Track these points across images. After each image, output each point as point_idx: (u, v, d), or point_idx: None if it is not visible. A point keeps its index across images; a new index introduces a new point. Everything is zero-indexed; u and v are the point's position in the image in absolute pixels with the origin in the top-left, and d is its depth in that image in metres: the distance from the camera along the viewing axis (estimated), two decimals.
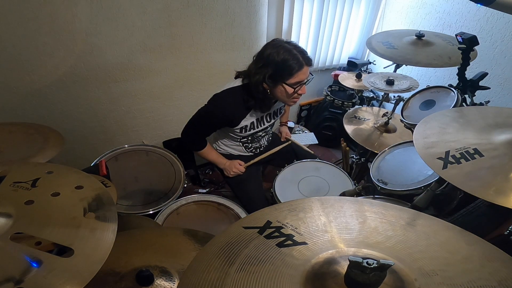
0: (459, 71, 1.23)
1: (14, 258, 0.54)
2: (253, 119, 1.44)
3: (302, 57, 1.23)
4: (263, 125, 1.51)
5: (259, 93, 1.30)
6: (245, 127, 1.44)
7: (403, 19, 2.24)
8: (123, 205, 1.38)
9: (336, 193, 1.38)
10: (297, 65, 1.22)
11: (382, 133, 1.69)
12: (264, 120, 1.50)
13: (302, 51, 1.25)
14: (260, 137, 1.59)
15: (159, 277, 0.79)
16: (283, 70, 1.23)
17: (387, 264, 0.44)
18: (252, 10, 1.87)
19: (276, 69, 1.24)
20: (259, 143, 1.63)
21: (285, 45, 1.24)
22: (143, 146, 1.64)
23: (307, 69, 1.27)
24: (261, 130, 1.53)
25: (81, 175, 0.77)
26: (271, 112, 1.51)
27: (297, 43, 1.28)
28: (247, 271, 0.51)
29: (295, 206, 0.67)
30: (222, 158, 1.57)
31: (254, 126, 1.47)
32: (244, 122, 1.42)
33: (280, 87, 1.27)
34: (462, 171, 0.69)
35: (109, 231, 0.62)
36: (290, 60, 1.22)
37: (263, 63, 1.25)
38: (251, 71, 1.29)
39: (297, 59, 1.22)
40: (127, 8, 1.52)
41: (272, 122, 1.56)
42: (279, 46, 1.23)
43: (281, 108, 1.57)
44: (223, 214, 1.38)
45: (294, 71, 1.23)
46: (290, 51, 1.22)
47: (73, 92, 1.63)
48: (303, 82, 1.29)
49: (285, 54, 1.22)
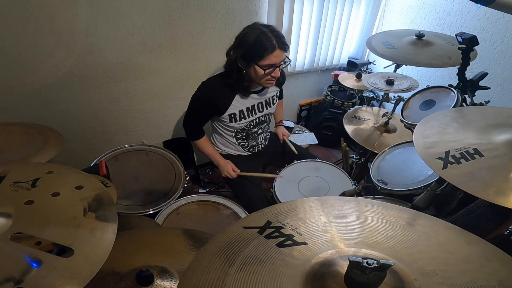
0: (459, 71, 1.23)
1: (14, 258, 0.54)
2: (242, 107, 1.44)
3: (276, 41, 1.24)
4: (255, 114, 1.50)
5: (234, 72, 1.32)
6: (233, 116, 1.44)
7: (403, 19, 2.24)
8: (123, 205, 1.38)
9: (336, 193, 1.38)
10: (270, 47, 1.23)
11: (382, 133, 1.69)
12: (256, 110, 1.49)
13: (278, 35, 1.25)
14: (255, 134, 1.59)
15: (159, 277, 0.79)
16: (255, 51, 1.24)
17: (387, 264, 0.44)
18: (252, 10, 1.87)
19: (248, 49, 1.25)
20: (255, 141, 1.62)
21: (261, 28, 1.25)
22: (143, 146, 1.64)
23: (280, 53, 1.26)
24: (254, 123, 1.52)
25: (81, 175, 0.77)
26: (263, 101, 1.51)
27: (275, 28, 1.28)
28: (247, 271, 0.51)
29: (295, 206, 0.67)
30: (218, 155, 1.57)
31: (244, 115, 1.46)
32: (232, 109, 1.42)
33: (252, 67, 1.29)
34: (462, 171, 0.69)
35: (109, 231, 0.62)
36: (262, 42, 1.22)
37: (237, 43, 1.29)
38: (228, 51, 1.33)
39: (270, 41, 1.23)
40: (127, 8, 1.52)
41: (264, 114, 1.54)
42: (255, 28, 1.25)
43: (273, 97, 1.55)
44: (223, 214, 1.38)
45: (266, 53, 1.24)
46: (265, 33, 1.23)
47: (73, 92, 1.63)
48: (276, 65, 1.29)
49: (259, 35, 1.22)
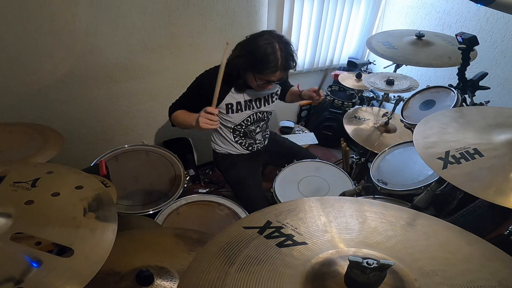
0: (459, 71, 1.23)
1: (14, 258, 0.54)
2: (239, 99, 1.44)
3: (282, 62, 1.24)
4: (252, 109, 1.50)
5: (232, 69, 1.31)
6: (231, 106, 1.44)
7: (403, 19, 2.24)
8: (123, 205, 1.38)
9: (336, 193, 1.38)
10: (273, 68, 1.24)
11: (382, 133, 1.69)
12: (254, 104, 1.50)
13: (286, 56, 1.25)
14: (253, 132, 1.59)
15: (159, 277, 0.79)
16: (258, 64, 1.25)
17: (387, 264, 0.44)
18: (252, 10, 1.87)
19: (253, 60, 1.26)
20: (253, 139, 1.62)
21: (275, 44, 1.23)
22: (143, 146, 1.64)
23: (280, 74, 1.28)
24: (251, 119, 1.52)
25: (81, 175, 0.77)
26: (261, 97, 1.51)
27: (289, 45, 1.27)
28: (247, 271, 0.51)
29: (295, 206, 0.67)
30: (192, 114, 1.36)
31: (241, 107, 1.46)
32: (229, 98, 1.42)
33: (249, 74, 1.31)
34: (462, 171, 0.69)
35: (109, 231, 0.62)
36: (268, 60, 1.22)
37: (248, 49, 1.27)
38: (236, 48, 1.33)
39: (275, 62, 1.23)
40: (127, 8, 1.52)
41: (262, 110, 1.54)
42: (270, 43, 1.23)
43: (273, 94, 1.55)
44: (223, 214, 1.38)
45: (266, 71, 1.25)
46: (274, 53, 1.22)
47: (73, 92, 1.63)
48: (270, 82, 1.32)
49: (269, 54, 1.22)
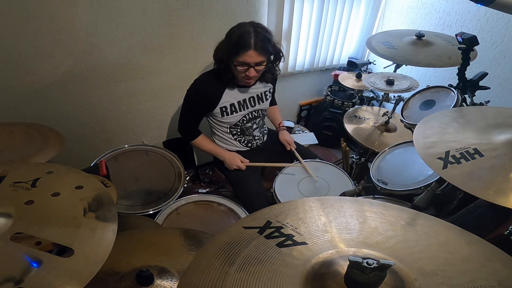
0: (459, 71, 1.23)
1: (14, 258, 0.54)
2: (233, 100, 1.45)
3: (255, 41, 1.23)
4: (246, 108, 1.50)
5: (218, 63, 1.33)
6: (225, 109, 1.44)
7: (403, 19, 2.24)
8: (123, 205, 1.38)
9: (336, 193, 1.38)
10: (246, 45, 1.23)
11: (382, 132, 1.69)
12: (248, 104, 1.50)
13: (262, 38, 1.24)
14: (250, 129, 1.59)
15: (159, 277, 0.79)
16: (234, 46, 1.25)
17: (387, 264, 0.44)
18: (252, 10, 1.87)
19: (230, 44, 1.27)
20: (251, 136, 1.62)
21: (249, 26, 1.25)
22: (143, 146, 1.64)
23: (253, 53, 1.25)
24: (247, 118, 1.53)
25: (81, 175, 0.77)
26: (254, 96, 1.51)
27: (265, 31, 1.27)
28: (247, 271, 0.51)
29: (295, 206, 0.67)
30: (220, 149, 1.58)
31: (235, 108, 1.46)
32: (223, 102, 1.42)
33: (231, 62, 1.31)
34: (462, 171, 0.69)
35: (109, 231, 0.62)
36: (242, 39, 1.23)
37: (226, 36, 1.31)
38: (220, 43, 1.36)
39: (248, 40, 1.23)
40: (127, 8, 1.52)
41: (257, 109, 1.54)
42: (245, 25, 1.26)
43: (266, 92, 1.55)
44: (223, 214, 1.38)
45: (241, 51, 1.25)
46: (248, 32, 1.23)
47: (73, 92, 1.63)
48: (249, 65, 1.28)
49: (243, 33, 1.23)
